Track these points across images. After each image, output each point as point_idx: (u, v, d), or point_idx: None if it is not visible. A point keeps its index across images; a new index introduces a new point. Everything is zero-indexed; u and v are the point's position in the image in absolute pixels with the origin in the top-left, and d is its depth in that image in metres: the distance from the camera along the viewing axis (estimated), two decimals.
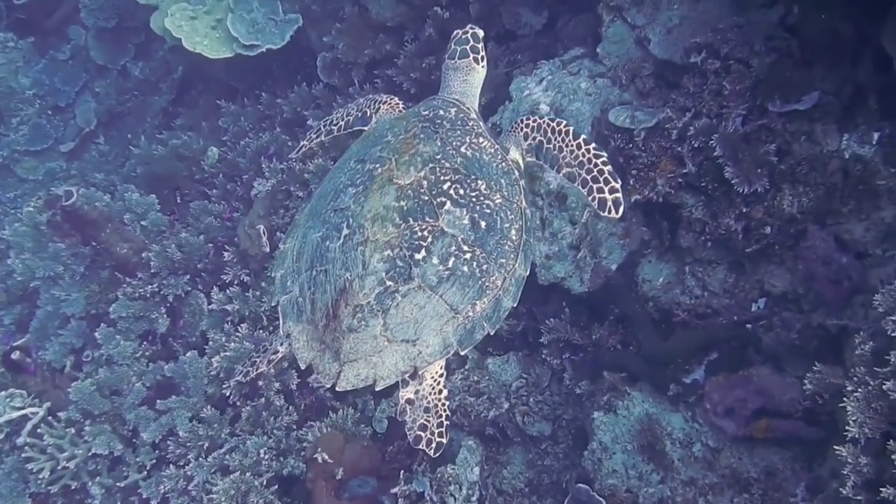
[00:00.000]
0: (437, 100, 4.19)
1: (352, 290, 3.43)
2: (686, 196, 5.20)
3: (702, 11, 5.38)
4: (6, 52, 10.57)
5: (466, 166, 3.69)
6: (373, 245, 3.46)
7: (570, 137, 3.91)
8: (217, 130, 8.30)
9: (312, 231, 3.76)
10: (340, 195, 3.73)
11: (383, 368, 3.47)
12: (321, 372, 3.55)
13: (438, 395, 3.69)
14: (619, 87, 5.59)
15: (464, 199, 3.59)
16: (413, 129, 3.83)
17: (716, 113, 5.07)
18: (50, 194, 7.33)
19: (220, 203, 7.45)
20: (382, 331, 3.44)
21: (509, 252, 3.65)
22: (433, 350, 3.50)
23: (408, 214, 3.51)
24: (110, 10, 9.84)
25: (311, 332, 3.60)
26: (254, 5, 7.88)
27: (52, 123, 10.26)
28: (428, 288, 3.45)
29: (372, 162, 3.76)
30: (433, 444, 3.61)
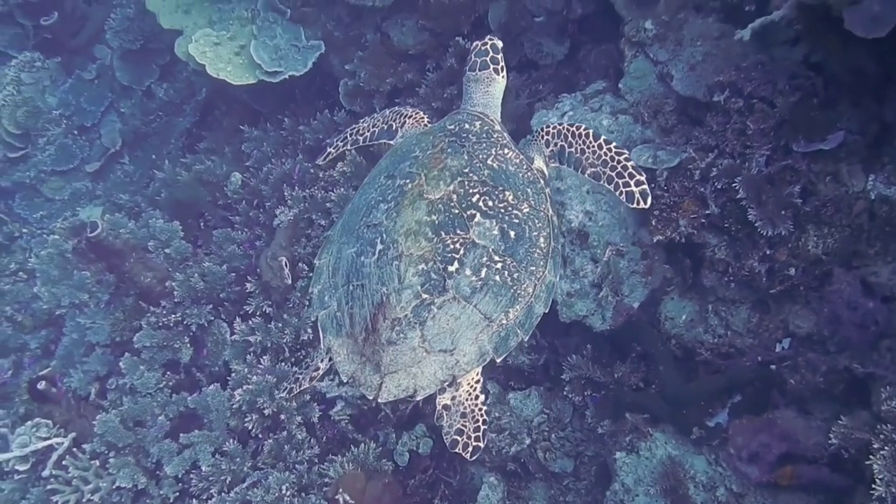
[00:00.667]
0: (461, 113, 4.28)
1: (389, 303, 3.55)
2: (709, 236, 5.15)
3: (725, 48, 5.32)
4: (33, 71, 10.65)
5: (494, 178, 3.80)
6: (407, 259, 3.58)
7: (590, 139, 4.07)
8: (240, 155, 8.32)
9: (347, 247, 3.88)
10: (372, 211, 3.84)
11: (423, 379, 3.59)
12: (362, 384, 3.67)
13: (475, 401, 3.76)
14: (642, 124, 5.56)
15: (493, 211, 3.70)
16: (440, 144, 3.94)
17: (739, 152, 5.03)
18: (75, 221, 7.39)
19: (242, 231, 7.47)
20: (420, 342, 3.55)
21: (539, 259, 3.76)
22: (470, 358, 3.62)
23: (440, 228, 3.63)
24: (135, 32, 9.91)
25: (350, 345, 3.73)
26: (277, 31, 7.89)
27: (77, 143, 10.35)
28: (462, 299, 3.57)
29: (402, 178, 3.87)
30: (469, 448, 3.68)
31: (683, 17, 5.52)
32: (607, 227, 5.44)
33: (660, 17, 5.59)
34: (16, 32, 11.09)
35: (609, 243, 5.41)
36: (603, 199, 5.46)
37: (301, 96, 8.32)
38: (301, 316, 6.37)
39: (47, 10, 10.91)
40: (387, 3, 7.33)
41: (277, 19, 7.95)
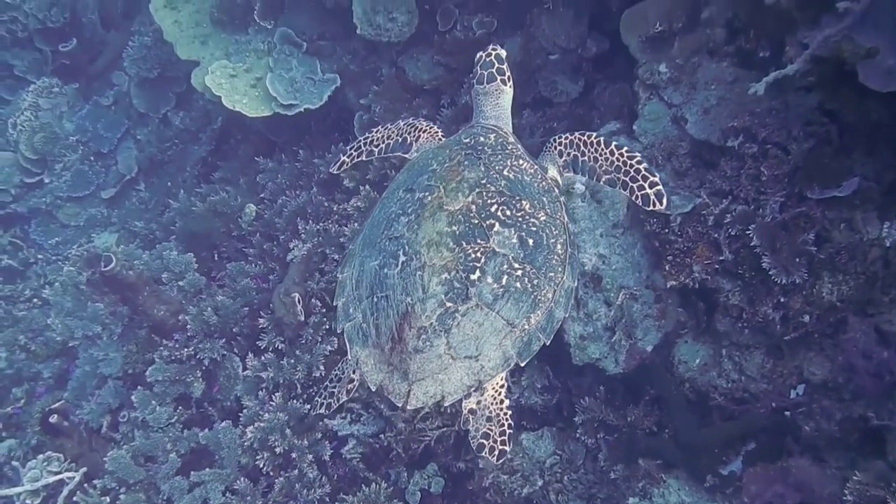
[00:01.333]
0: (476, 127, 4.43)
1: (414, 313, 3.64)
2: (723, 281, 5.13)
3: (739, 93, 5.31)
4: (51, 97, 10.76)
5: (510, 188, 3.93)
6: (430, 269, 3.68)
7: (602, 146, 4.22)
8: (255, 186, 8.35)
9: (369, 259, 3.97)
10: (393, 224, 3.95)
11: (450, 385, 3.70)
12: (391, 392, 3.75)
13: (500, 405, 3.88)
14: (656, 167, 5.53)
15: (511, 220, 3.82)
16: (457, 157, 4.07)
17: (753, 198, 5.01)
18: (90, 252, 7.43)
19: (256, 264, 7.48)
20: (446, 349, 3.65)
21: (557, 265, 3.88)
22: (495, 364, 3.72)
23: (460, 238, 3.75)
24: (153, 61, 9.99)
25: (377, 355, 3.81)
26: (293, 64, 7.94)
27: (94, 170, 10.43)
28: (485, 306, 3.67)
29: (421, 191, 3.98)
30: (496, 452, 3.79)
31: (697, 61, 5.52)
32: (620, 270, 5.43)
33: (674, 60, 5.59)
34: (34, 58, 11.24)
35: (622, 287, 5.39)
36: (616, 242, 5.45)
37: (316, 128, 8.35)
38: (314, 352, 6.36)
39: (66, 36, 11.03)
40: (403, 38, 7.37)
41: (293, 52, 8.01)
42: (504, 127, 4.47)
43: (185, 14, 8.77)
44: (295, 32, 8.00)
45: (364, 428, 6.22)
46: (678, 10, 5.58)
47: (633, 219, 5.41)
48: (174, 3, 8.87)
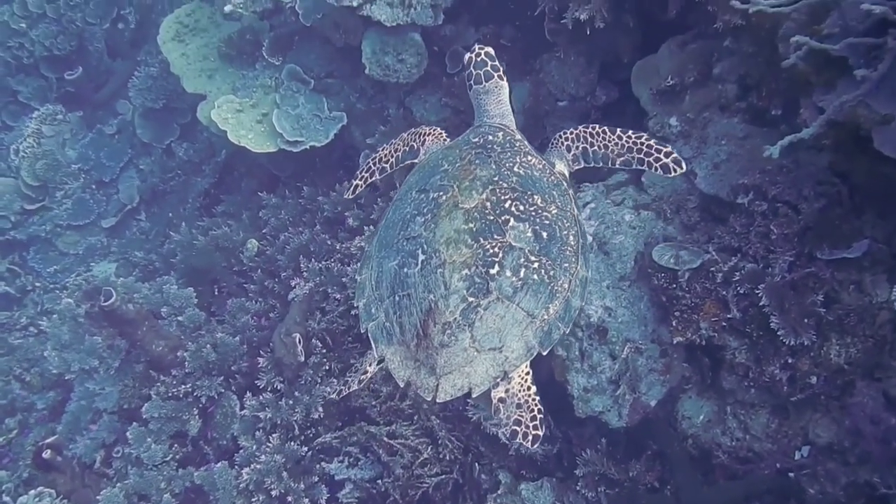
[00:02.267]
0: (482, 126, 4.55)
1: (438, 309, 3.75)
2: (729, 338, 5.08)
3: (749, 149, 5.30)
4: (54, 124, 10.76)
5: (522, 184, 4.05)
6: (451, 266, 3.79)
7: (608, 133, 4.42)
8: (257, 221, 8.31)
9: (387, 260, 4.06)
10: (409, 224, 4.05)
11: (476, 377, 3.80)
12: (420, 387, 3.85)
13: (528, 392, 3.98)
14: (664, 220, 5.52)
15: (524, 214, 3.93)
16: (468, 157, 4.19)
17: (762, 255, 4.98)
18: (90, 285, 7.38)
19: (257, 301, 7.43)
20: (471, 343, 3.76)
21: (570, 256, 4.00)
22: (518, 354, 3.83)
23: (478, 234, 3.85)
24: (158, 91, 10.01)
25: (403, 352, 3.91)
26: (300, 101, 7.94)
27: (95, 198, 10.40)
28: (505, 298, 3.78)
29: (434, 191, 4.09)
30: (529, 437, 3.90)
31: (708, 115, 5.52)
32: (626, 323, 5.39)
33: (685, 114, 5.59)
34: (39, 84, 11.27)
35: (628, 340, 5.35)
36: (623, 294, 5.42)
37: (321, 164, 8.33)
38: (312, 393, 6.29)
39: (72, 64, 11.06)
40: (411, 80, 7.38)
41: (300, 89, 8.01)
42: (509, 124, 4.63)
43: (192, 47, 8.79)
44: (303, 69, 8.01)
45: (361, 472, 6.15)
46: (690, 64, 5.58)
47: (640, 272, 5.38)
48: (182, 37, 8.90)
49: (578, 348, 5.45)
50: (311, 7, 7.37)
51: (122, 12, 11.59)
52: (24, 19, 11.36)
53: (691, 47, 5.66)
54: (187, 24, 9.01)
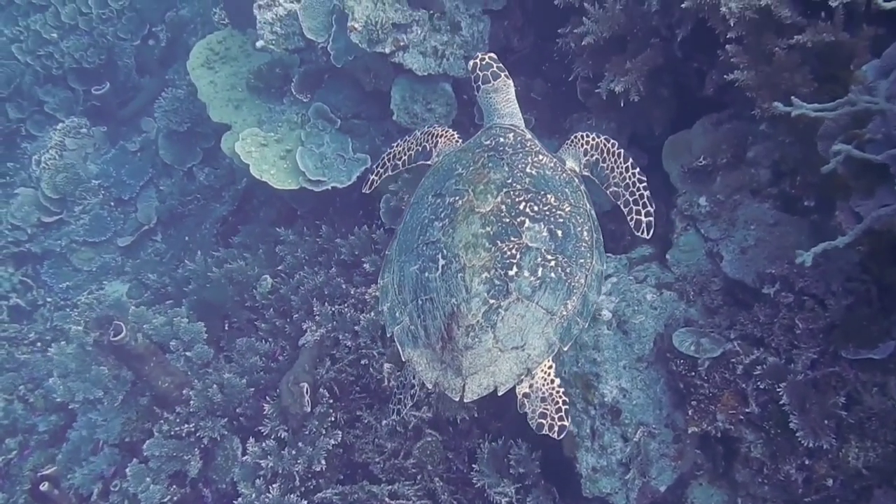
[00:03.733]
0: (493, 128, 4.61)
1: (461, 313, 3.85)
2: (746, 431, 4.96)
3: (778, 236, 5.20)
4: (78, 138, 10.75)
5: (535, 184, 4.15)
6: (471, 270, 3.89)
7: (621, 160, 4.55)
8: (273, 256, 8.20)
9: (408, 265, 4.16)
10: (428, 229, 4.14)
11: (501, 375, 3.92)
12: (447, 388, 3.96)
13: (552, 385, 4.07)
14: (686, 302, 5.41)
15: (539, 214, 4.04)
16: (480, 160, 4.28)
17: (785, 349, 4.87)
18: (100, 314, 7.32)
19: (267, 340, 7.35)
20: (494, 343, 3.87)
21: (586, 252, 4.12)
22: (540, 351, 3.95)
23: (495, 238, 3.96)
24: (183, 114, 9.98)
25: (429, 354, 4.02)
26: (325, 139, 7.86)
27: (112, 216, 10.36)
28: (525, 298, 3.89)
29: (450, 195, 4.18)
30: (555, 428, 3.98)
31: (739, 198, 5.42)
32: (641, 406, 5.27)
33: (715, 195, 5.49)
34: (66, 96, 11.28)
35: (641, 423, 5.24)
36: (639, 376, 5.31)
37: (341, 203, 8.24)
38: (316, 445, 6.19)
39: (101, 77, 11.05)
40: None
41: (326, 127, 7.94)
42: (519, 124, 4.71)
43: (221, 75, 8.75)
44: (330, 108, 7.93)
45: None
46: (723, 144, 5.49)
47: (658, 354, 5.27)
48: (212, 64, 8.87)
49: (590, 426, 5.34)
50: (343, 49, 7.31)
51: (154, 29, 11.64)
52: (55, 29, 11.40)
53: (726, 127, 5.56)
54: (217, 51, 8.97)
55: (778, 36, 4.86)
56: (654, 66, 5.58)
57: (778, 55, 4.78)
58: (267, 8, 7.66)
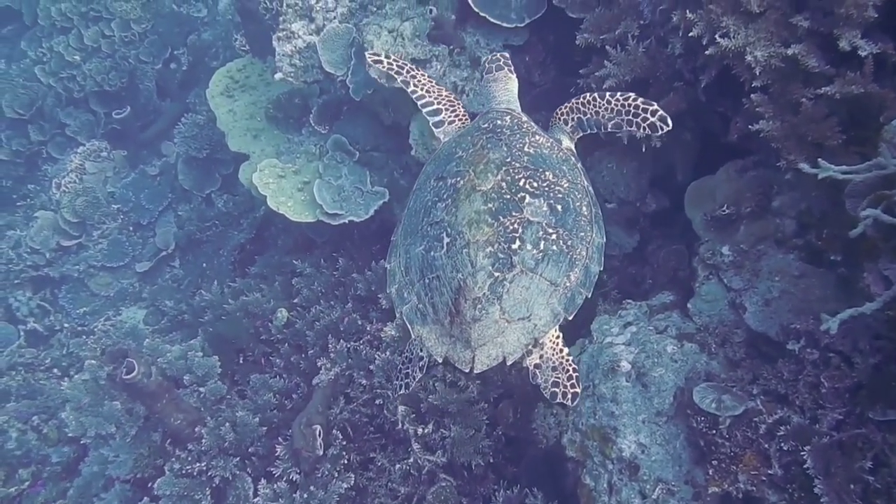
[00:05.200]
0: (491, 112, 4.86)
1: (467, 287, 4.03)
2: (768, 492, 4.79)
3: (804, 289, 5.04)
4: (98, 161, 10.79)
5: (533, 162, 4.35)
6: (475, 246, 4.07)
7: (598, 100, 4.78)
8: (289, 288, 8.12)
9: (413, 246, 4.36)
10: (431, 211, 4.34)
11: (509, 346, 4.09)
12: (457, 360, 4.13)
13: (561, 354, 4.30)
14: (708, 354, 5.26)
15: (538, 190, 4.21)
16: (479, 142, 4.48)
17: (809, 407, 4.71)
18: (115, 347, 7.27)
19: (281, 376, 7.26)
20: (501, 315, 4.03)
21: (585, 225, 4.31)
22: (546, 321, 4.14)
23: (497, 213, 4.14)
24: (203, 141, 9.95)
25: (438, 330, 4.21)
26: (343, 172, 7.78)
27: (131, 241, 10.35)
28: (529, 271, 4.06)
29: (451, 177, 4.38)
30: (569, 395, 4.26)
31: (763, 248, 5.26)
32: (660, 462, 5.12)
33: (738, 244, 5.34)
34: (87, 119, 11.29)
35: (660, 480, 5.08)
36: (659, 431, 5.15)
37: (359, 236, 8.16)
38: (328, 489, 6.09)
39: (122, 100, 11.07)
40: None
41: (345, 160, 7.85)
42: (515, 108, 4.97)
43: (240, 104, 8.71)
44: (349, 140, 7.84)
45: None
46: (748, 192, 5.34)
47: (678, 409, 5.11)
48: (231, 92, 8.83)
49: (607, 481, 5.19)
50: (363, 83, 7.22)
51: (176, 52, 11.64)
52: (78, 52, 11.42)
53: (751, 175, 5.42)
54: (237, 79, 8.94)
55: (805, 85, 4.74)
56: (677, 110, 5.45)
57: (805, 106, 4.65)
58: (286, 40, 7.59)
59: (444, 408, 6.14)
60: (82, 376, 7.28)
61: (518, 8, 6.82)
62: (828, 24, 4.62)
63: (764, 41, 4.78)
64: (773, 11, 4.82)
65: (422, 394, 6.35)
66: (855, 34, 4.50)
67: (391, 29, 6.94)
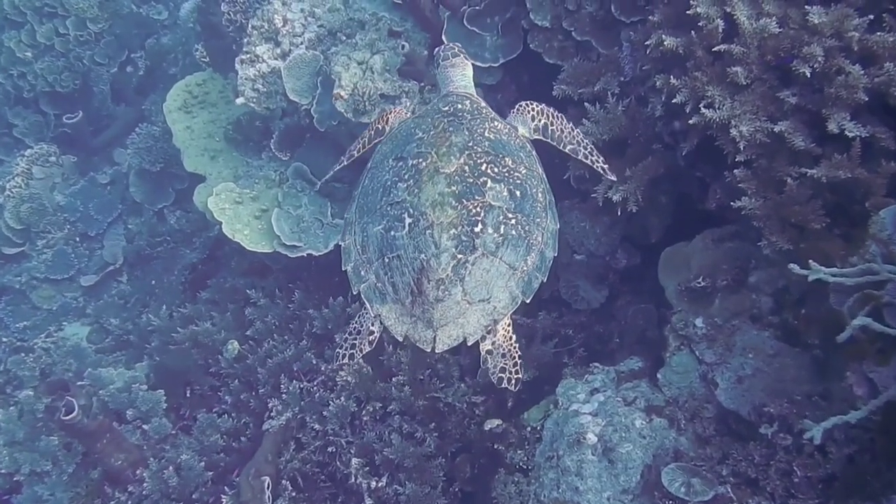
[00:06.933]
0: (450, 96, 4.88)
1: (431, 267, 4.07)
2: None
3: (778, 368, 4.89)
4: (46, 166, 10.36)
5: (493, 147, 4.41)
6: (439, 227, 4.10)
7: (565, 122, 5.04)
8: (242, 317, 7.77)
9: (371, 225, 4.36)
10: (391, 191, 4.35)
11: (469, 327, 4.15)
12: (418, 340, 4.17)
13: (510, 342, 4.34)
14: (677, 430, 5.10)
15: (499, 176, 4.29)
16: (441, 124, 4.51)
17: (780, 494, 4.57)
18: (53, 379, 6.92)
19: (230, 415, 6.95)
20: (462, 296, 4.10)
21: (541, 212, 4.41)
22: (505, 303, 4.21)
23: (461, 196, 4.19)
24: (157, 154, 9.58)
25: (398, 310, 4.24)
26: (303, 201, 7.48)
27: (77, 252, 9.94)
28: (489, 254, 4.13)
29: (413, 158, 4.39)
30: (513, 381, 4.28)
31: (738, 324, 5.11)
32: None
33: (712, 318, 5.19)
34: (36, 120, 10.83)
35: None
36: None
37: (316, 267, 7.86)
38: None
39: (75, 102, 10.64)
40: None
41: (305, 188, 7.56)
42: (472, 93, 5.05)
43: (199, 122, 8.38)
44: (310, 169, 7.54)
45: None
46: (724, 264, 5.19)
47: (645, 487, 4.94)
48: (190, 108, 8.50)
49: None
50: (328, 114, 6.95)
51: (133, 55, 11.23)
52: (30, 48, 10.95)
53: (727, 246, 5.27)
54: (196, 94, 8.60)
55: (790, 163, 4.59)
56: (655, 175, 5.28)
57: (789, 186, 4.49)
58: (249, 63, 7.27)
59: (399, 462, 5.92)
60: (17, 408, 6.91)
61: (493, 48, 6.62)
62: (816, 102, 4.48)
63: (749, 115, 4.62)
64: (760, 84, 4.68)
65: (377, 444, 6.13)
66: (844, 116, 4.36)
67: (360, 61, 6.69)
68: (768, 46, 4.58)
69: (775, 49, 4.56)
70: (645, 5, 5.67)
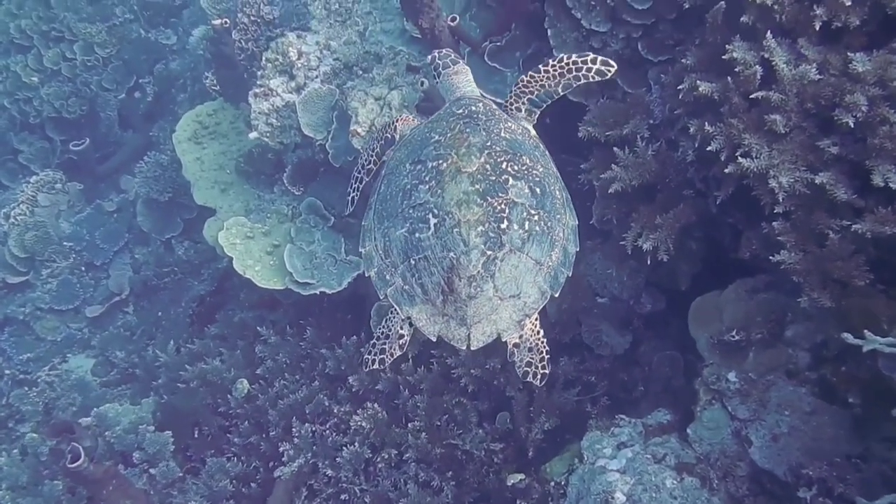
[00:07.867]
0: (462, 100, 4.83)
1: (461, 265, 4.04)
2: None
3: (815, 427, 4.69)
4: (52, 193, 10.19)
5: (511, 147, 4.38)
6: (466, 225, 4.07)
7: (538, 75, 4.73)
8: (252, 355, 7.60)
9: (393, 229, 4.30)
10: (412, 193, 4.28)
11: (502, 322, 4.14)
12: (452, 338, 4.15)
13: (538, 336, 4.35)
14: (709, 490, 4.89)
15: (519, 174, 4.27)
16: (457, 126, 4.46)
17: None
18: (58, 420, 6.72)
19: (240, 459, 6.75)
20: (494, 292, 4.08)
21: (560, 208, 4.39)
22: (534, 299, 4.20)
23: (485, 194, 4.15)
24: (166, 183, 9.41)
25: (429, 310, 4.19)
26: (316, 237, 7.31)
27: (82, 282, 9.77)
28: (517, 250, 4.11)
29: (432, 160, 4.33)
30: (538, 375, 4.31)
31: (773, 379, 4.91)
32: None
33: (746, 372, 4.99)
34: (42, 146, 10.70)
35: None
36: None
37: (328, 304, 7.68)
38: None
39: (81, 128, 10.50)
40: None
41: (318, 223, 7.40)
42: (482, 97, 4.99)
43: (209, 153, 8.22)
44: (324, 204, 7.37)
45: None
46: (759, 317, 4.99)
47: None
48: (200, 139, 8.34)
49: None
50: (343, 149, 6.79)
51: (141, 81, 11.07)
52: (37, 73, 10.82)
53: (762, 297, 5.07)
54: (207, 125, 8.43)
55: (830, 215, 4.39)
56: (686, 222, 5.10)
57: (831, 240, 4.29)
58: (263, 97, 7.11)
59: None
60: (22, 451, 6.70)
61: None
62: (858, 152, 4.29)
63: (788, 164, 4.42)
64: (799, 133, 4.49)
65: (392, 493, 5.94)
66: (889, 168, 4.16)
67: (378, 97, 6.52)
68: (808, 94, 4.40)
69: (815, 96, 4.38)
70: (674, 45, 5.51)
